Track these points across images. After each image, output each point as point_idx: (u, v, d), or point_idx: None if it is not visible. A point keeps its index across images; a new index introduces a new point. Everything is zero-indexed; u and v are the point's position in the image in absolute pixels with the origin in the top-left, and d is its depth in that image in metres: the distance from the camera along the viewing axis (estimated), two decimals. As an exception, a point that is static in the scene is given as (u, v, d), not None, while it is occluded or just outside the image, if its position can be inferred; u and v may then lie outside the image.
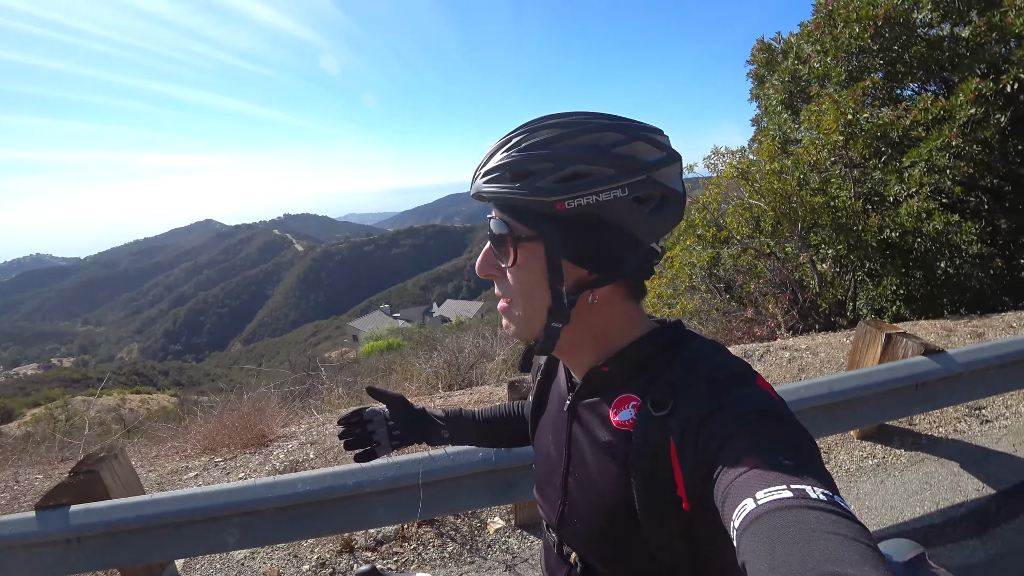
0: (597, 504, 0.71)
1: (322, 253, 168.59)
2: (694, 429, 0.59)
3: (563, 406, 0.80)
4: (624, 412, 0.69)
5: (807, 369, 4.07)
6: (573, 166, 0.62)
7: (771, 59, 8.33)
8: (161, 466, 3.50)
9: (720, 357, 0.67)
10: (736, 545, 0.48)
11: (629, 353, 0.71)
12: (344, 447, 1.04)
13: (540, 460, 0.86)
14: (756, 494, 0.48)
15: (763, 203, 6.18)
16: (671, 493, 0.61)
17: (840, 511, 0.45)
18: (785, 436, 0.54)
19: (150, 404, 13.54)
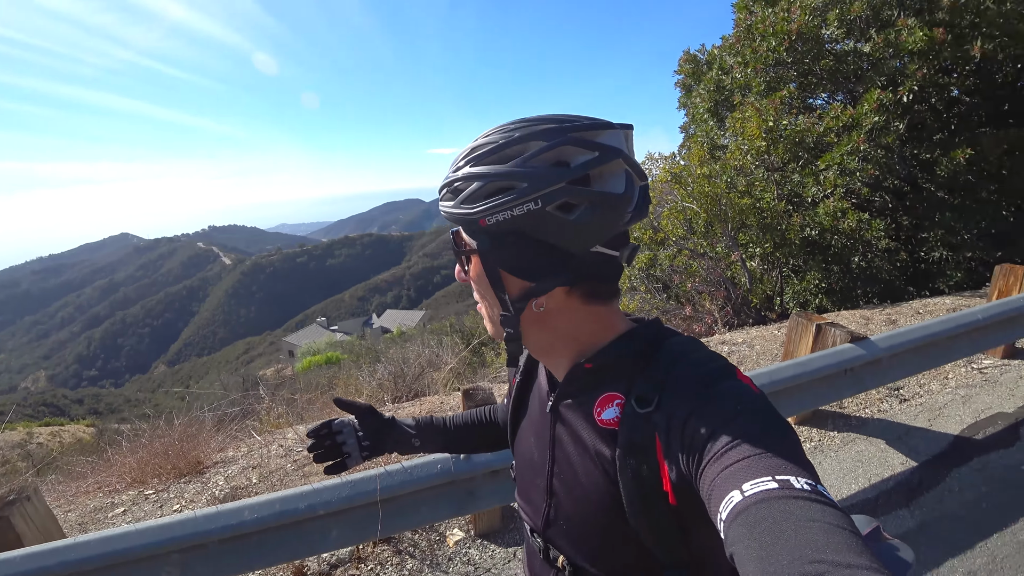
0: (584, 504, 0.71)
1: (252, 266, 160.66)
2: (679, 424, 0.59)
3: (545, 407, 0.79)
4: (609, 411, 0.68)
5: (745, 362, 4.29)
6: (495, 182, 0.63)
7: (697, 70, 8.80)
8: (82, 504, 3.18)
9: (701, 353, 0.68)
10: (724, 537, 0.48)
11: (611, 350, 0.71)
12: (314, 460, 1.02)
13: (522, 464, 0.85)
14: (743, 486, 0.49)
15: (695, 206, 6.48)
16: (658, 489, 0.61)
17: (823, 499, 0.46)
18: (768, 428, 0.55)
19: (63, 437, 12.35)
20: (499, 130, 0.66)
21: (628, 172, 0.64)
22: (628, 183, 0.64)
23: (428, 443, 1.07)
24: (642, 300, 7.88)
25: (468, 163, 0.66)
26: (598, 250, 0.66)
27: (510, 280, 0.68)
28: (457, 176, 0.67)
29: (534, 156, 0.62)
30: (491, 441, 1.10)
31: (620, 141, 0.65)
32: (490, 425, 1.10)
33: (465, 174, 0.66)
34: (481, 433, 1.10)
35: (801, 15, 6.50)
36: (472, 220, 0.65)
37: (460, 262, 0.74)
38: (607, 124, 0.64)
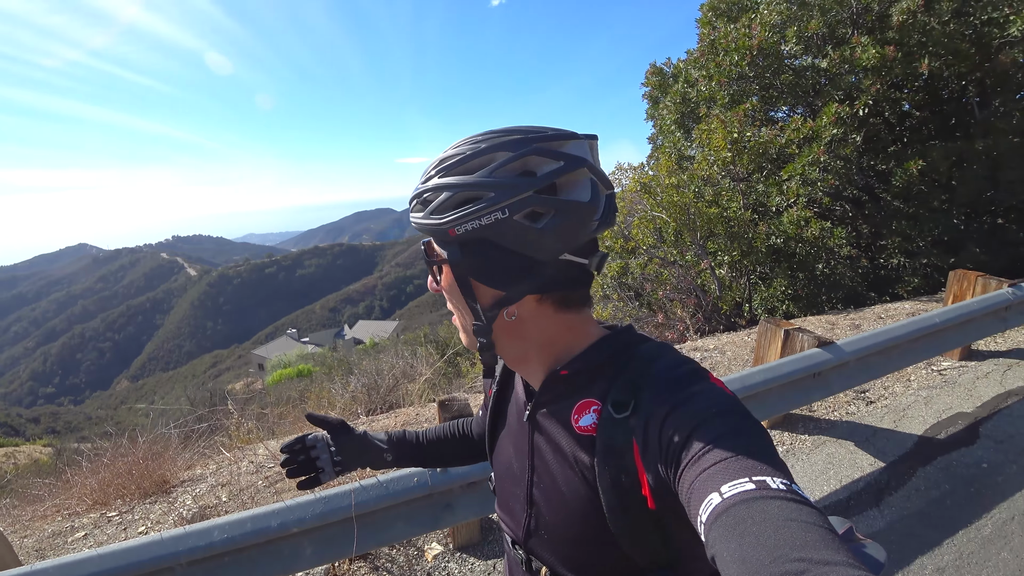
0: (565, 512, 0.71)
1: (218, 277, 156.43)
2: (656, 427, 0.60)
3: (523, 417, 0.79)
4: (586, 417, 0.69)
5: (717, 367, 4.38)
6: (462, 192, 0.65)
7: (663, 82, 9.05)
8: (39, 529, 3.03)
9: (673, 356, 0.69)
10: (705, 539, 0.49)
11: (586, 357, 0.71)
12: (287, 475, 1.01)
13: (501, 475, 0.85)
14: (721, 488, 0.50)
15: (664, 215, 6.62)
16: (637, 493, 0.62)
17: (799, 498, 0.48)
18: (743, 430, 0.56)
19: (17, 458, 11.74)
20: (467, 141, 0.67)
21: (593, 181, 0.66)
22: (594, 192, 0.65)
23: (401, 458, 1.07)
24: (615, 308, 7.99)
25: (437, 174, 0.68)
26: (567, 258, 0.67)
27: (481, 289, 0.69)
28: (426, 187, 0.68)
29: (500, 166, 0.64)
30: (466, 454, 1.10)
31: (585, 151, 0.66)
32: (464, 438, 1.10)
33: (434, 185, 0.67)
34: (455, 446, 1.10)
35: (761, 31, 6.76)
36: (442, 230, 0.66)
37: (432, 272, 0.75)
38: (572, 135, 0.66)
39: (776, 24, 6.85)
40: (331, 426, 1.04)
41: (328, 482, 1.02)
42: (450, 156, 0.67)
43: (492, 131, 0.67)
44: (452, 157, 0.67)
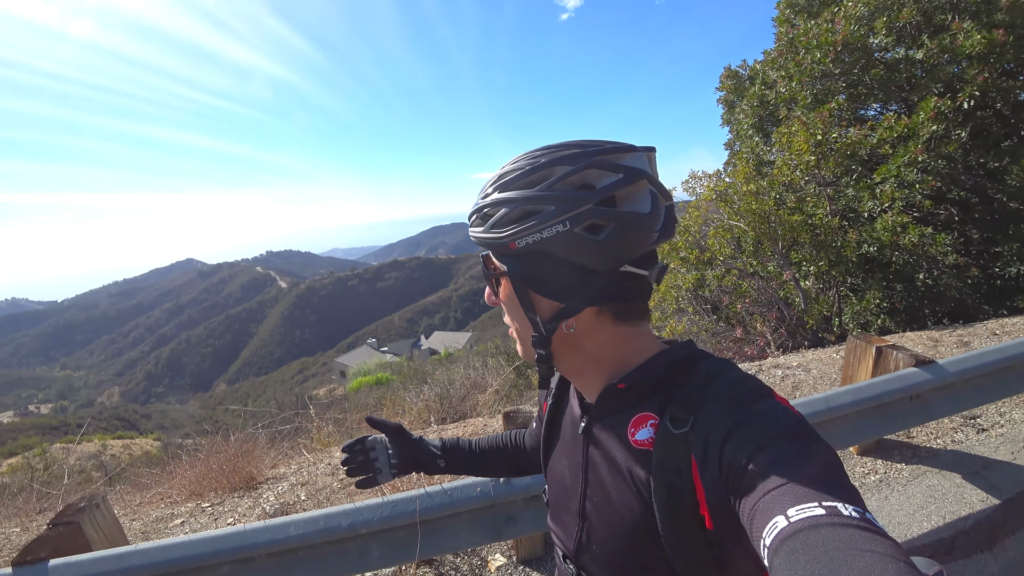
0: (617, 527, 0.69)
1: (306, 289, 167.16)
2: (717, 445, 0.58)
3: (578, 429, 0.79)
4: (643, 431, 0.68)
5: (801, 386, 4.09)
6: (522, 207, 0.65)
7: (739, 85, 8.66)
8: (145, 514, 3.36)
9: (736, 373, 0.67)
10: (768, 563, 0.47)
11: (644, 371, 0.70)
12: (346, 473, 1.07)
13: (554, 488, 0.85)
14: (788, 511, 0.47)
15: (743, 224, 6.31)
16: (694, 512, 0.60)
17: (873, 528, 0.45)
18: (811, 451, 0.53)
19: (133, 449, 13.10)
20: (525, 157, 0.68)
21: (653, 192, 0.66)
22: (653, 203, 0.65)
23: (453, 465, 1.09)
24: (690, 322, 7.68)
25: (496, 189, 0.69)
26: (627, 269, 0.67)
27: (540, 301, 0.70)
28: (486, 202, 0.69)
29: (559, 180, 0.64)
30: (517, 466, 1.11)
31: (644, 163, 0.66)
32: (516, 449, 1.11)
33: (493, 200, 0.68)
34: (507, 457, 1.11)
35: (846, 25, 6.30)
36: (502, 244, 0.67)
37: (491, 285, 0.76)
38: (630, 147, 0.66)
39: (862, 16, 6.36)
40: (389, 429, 1.09)
41: (385, 483, 1.06)
42: (509, 171, 0.68)
43: (550, 146, 0.68)
44: (511, 172, 0.68)
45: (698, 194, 6.95)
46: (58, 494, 4.19)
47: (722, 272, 7.18)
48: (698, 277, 7.58)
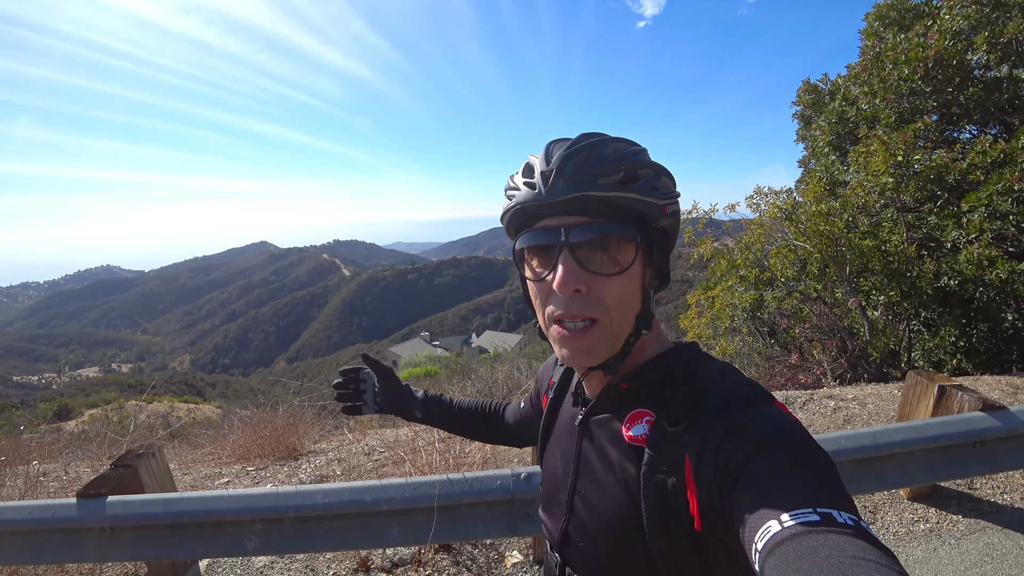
0: (603, 523, 0.69)
1: (367, 279, 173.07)
2: (713, 446, 0.57)
3: (574, 421, 0.79)
4: (637, 427, 0.68)
5: (853, 420, 3.85)
6: (661, 177, 0.67)
7: (817, 100, 8.22)
8: (197, 470, 3.63)
9: (737, 377, 0.66)
10: (759, 568, 0.46)
11: (647, 370, 0.71)
12: (337, 397, 1.15)
13: (547, 478, 0.86)
14: (781, 516, 0.47)
15: (809, 245, 6.00)
16: (683, 512, 0.59)
17: (867, 537, 0.44)
18: (809, 458, 0.53)
19: (196, 414, 14.08)
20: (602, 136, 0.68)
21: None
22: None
23: (431, 417, 1.15)
24: (743, 342, 7.38)
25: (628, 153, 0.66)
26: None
27: (649, 276, 0.69)
28: (639, 160, 0.65)
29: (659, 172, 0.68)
30: (492, 434, 1.16)
31: None
32: (494, 417, 1.15)
33: (645, 162, 0.66)
34: (483, 422, 1.15)
35: (940, 40, 5.85)
36: (655, 206, 0.65)
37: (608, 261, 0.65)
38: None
39: (960, 31, 5.89)
40: (381, 370, 1.16)
41: (367, 414, 1.15)
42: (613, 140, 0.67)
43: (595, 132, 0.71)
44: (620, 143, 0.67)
45: (762, 211, 6.66)
46: (125, 443, 4.59)
47: (783, 294, 6.85)
48: (756, 297, 7.27)
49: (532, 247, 0.68)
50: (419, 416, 1.14)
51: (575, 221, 0.65)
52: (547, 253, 0.67)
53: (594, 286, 0.65)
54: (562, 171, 0.64)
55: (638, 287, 0.67)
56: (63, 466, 3.84)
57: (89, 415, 12.91)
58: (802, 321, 6.53)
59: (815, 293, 6.43)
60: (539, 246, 0.67)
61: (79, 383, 47.26)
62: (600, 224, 0.64)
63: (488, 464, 3.34)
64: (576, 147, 0.65)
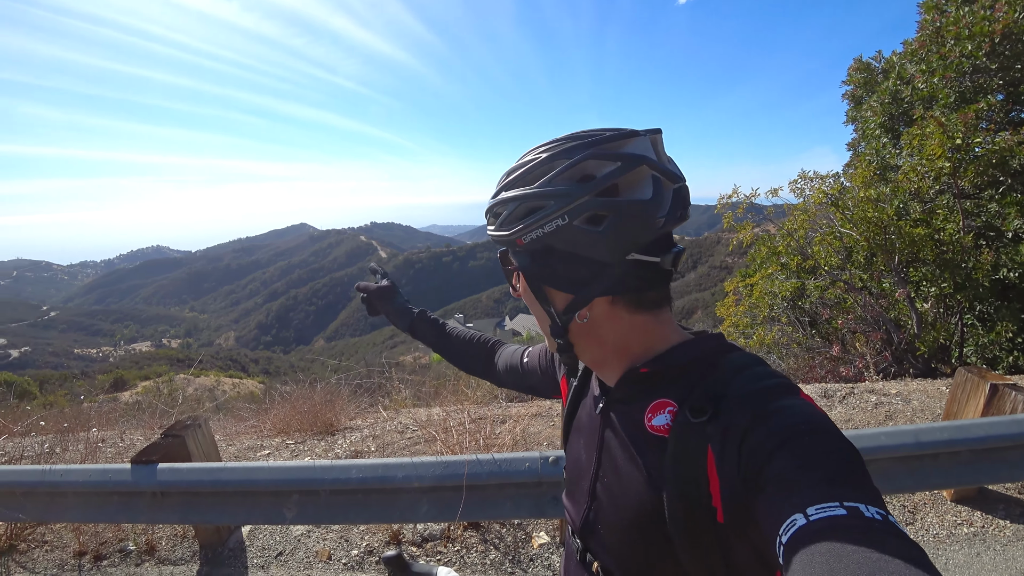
0: (624, 512, 0.69)
1: (403, 261, 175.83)
2: (736, 437, 0.57)
3: (595, 410, 0.79)
4: (659, 417, 0.67)
5: (895, 416, 3.72)
6: (525, 203, 0.67)
7: (870, 79, 7.77)
8: (240, 442, 3.81)
9: (763, 368, 0.65)
10: (783, 561, 0.46)
11: (668, 358, 0.70)
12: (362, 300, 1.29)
13: (570, 464, 0.87)
14: (807, 510, 0.46)
15: (855, 233, 5.75)
16: (706, 504, 0.59)
17: (896, 532, 0.43)
18: (835, 450, 0.51)
19: (240, 388, 14.73)
20: (532, 152, 0.70)
21: (655, 177, 0.64)
22: (656, 188, 0.64)
23: (419, 332, 1.23)
24: (781, 332, 7.17)
25: (503, 188, 0.71)
26: (635, 258, 0.66)
27: (554, 294, 0.72)
28: (495, 201, 0.72)
29: (559, 174, 0.65)
30: (472, 363, 1.20)
31: (647, 148, 0.65)
32: (480, 348, 1.20)
33: (501, 199, 0.71)
34: (467, 351, 1.20)
35: (1009, 12, 5.39)
36: (511, 240, 0.70)
37: (509, 280, 0.80)
38: (632, 133, 0.65)
39: (1034, 2, 5.45)
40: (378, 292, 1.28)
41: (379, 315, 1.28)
42: (515, 168, 0.71)
43: (555, 139, 0.69)
44: (517, 169, 0.70)
45: (806, 196, 6.40)
46: (174, 414, 4.86)
47: (826, 283, 6.61)
48: (798, 286, 7.04)
49: None
50: (404, 327, 1.24)
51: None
52: None
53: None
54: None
55: (536, 307, 0.75)
56: (119, 433, 4.10)
57: (142, 387, 13.72)
58: (845, 312, 6.29)
59: (860, 283, 6.18)
60: None
61: (133, 357, 50.10)
62: (501, 253, 0.78)
63: (518, 446, 3.39)
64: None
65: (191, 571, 2.62)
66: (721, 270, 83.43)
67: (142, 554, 2.76)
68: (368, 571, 2.54)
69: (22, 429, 4.37)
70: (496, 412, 4.29)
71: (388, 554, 0.90)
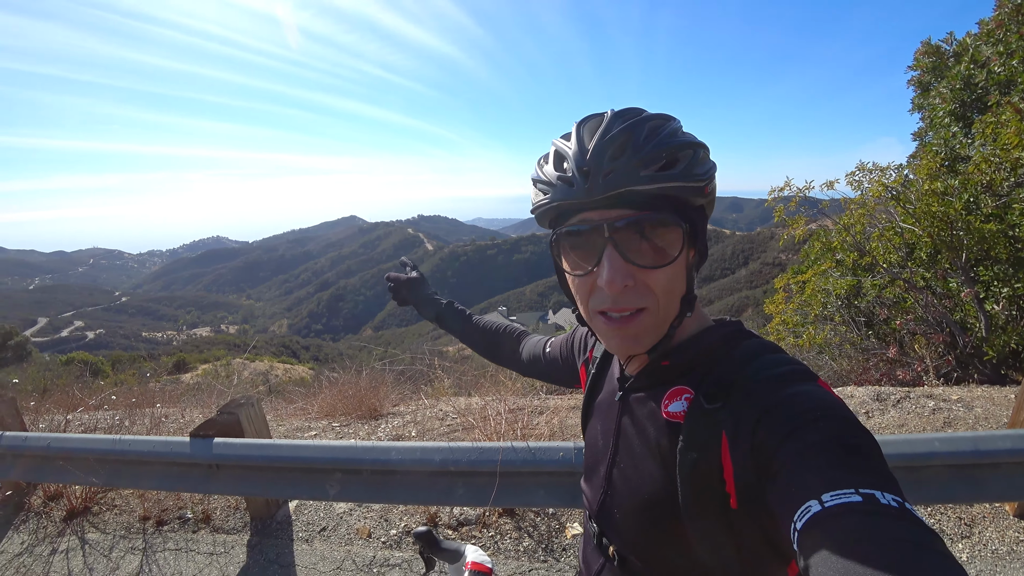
0: (639, 497, 0.70)
1: (449, 253, 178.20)
2: (750, 423, 0.56)
3: (614, 396, 0.80)
4: (675, 404, 0.68)
5: (954, 423, 3.51)
6: (699, 153, 0.65)
7: (939, 63, 7.24)
8: (289, 422, 4.01)
9: (780, 355, 0.65)
10: (797, 548, 0.45)
11: (689, 346, 0.70)
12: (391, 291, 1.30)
13: (588, 449, 0.87)
14: (822, 496, 0.45)
15: (918, 228, 5.42)
16: (719, 489, 0.59)
17: (913, 519, 0.43)
18: (850, 436, 0.51)
19: (291, 373, 15.40)
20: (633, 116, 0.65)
21: None
22: None
23: (446, 322, 1.24)
24: (833, 331, 6.85)
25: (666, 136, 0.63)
26: None
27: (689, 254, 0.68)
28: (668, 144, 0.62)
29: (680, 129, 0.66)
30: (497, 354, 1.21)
31: None
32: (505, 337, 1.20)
33: (681, 142, 0.63)
34: (492, 341, 1.21)
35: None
36: (699, 187, 0.64)
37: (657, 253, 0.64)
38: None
39: None
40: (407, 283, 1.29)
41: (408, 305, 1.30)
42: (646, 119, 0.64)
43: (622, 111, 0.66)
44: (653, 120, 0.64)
45: (864, 189, 6.08)
46: (230, 394, 5.15)
47: (884, 281, 6.27)
48: (854, 284, 6.71)
49: (572, 241, 0.67)
50: (430, 316, 1.26)
51: (618, 215, 0.63)
52: (589, 247, 0.65)
53: (640, 277, 0.63)
54: (599, 164, 0.61)
55: (683, 271, 0.66)
56: (180, 411, 4.40)
57: (202, 369, 14.58)
58: (905, 312, 5.95)
59: (922, 282, 5.82)
60: (580, 240, 0.66)
61: (194, 341, 53.14)
62: (645, 217, 0.62)
63: (555, 437, 3.41)
64: (611, 134, 0.62)
65: (242, 540, 2.80)
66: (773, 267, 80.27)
67: (199, 522, 2.97)
68: (405, 550, 2.64)
69: (96, 403, 4.76)
70: (534, 403, 4.33)
71: (419, 530, 0.94)
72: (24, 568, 2.77)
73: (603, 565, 0.79)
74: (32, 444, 2.77)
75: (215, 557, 2.68)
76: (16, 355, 27.33)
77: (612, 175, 0.61)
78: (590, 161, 0.62)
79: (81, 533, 3.01)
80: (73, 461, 2.65)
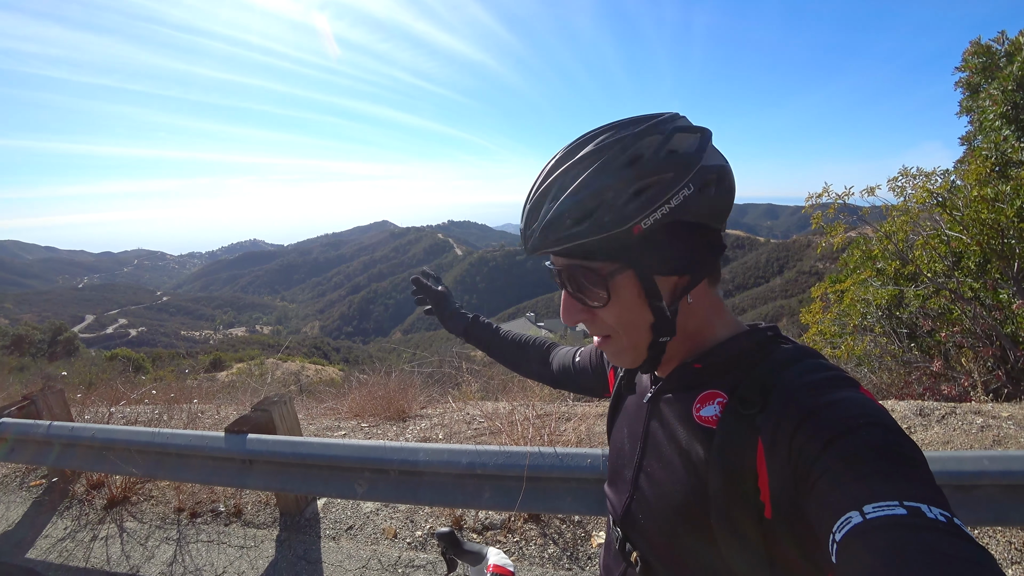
0: (667, 502, 0.68)
1: (478, 259, 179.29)
2: (788, 430, 0.54)
3: (643, 399, 0.78)
4: (708, 408, 0.66)
5: (1005, 441, 3.33)
6: (632, 186, 0.60)
7: (989, 64, 6.90)
8: (319, 421, 4.09)
9: (819, 360, 0.63)
10: (836, 560, 0.44)
11: (722, 349, 0.68)
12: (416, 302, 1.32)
13: (613, 453, 0.85)
14: (864, 507, 0.44)
15: (966, 236, 5.19)
16: (753, 498, 0.57)
17: (962, 534, 0.41)
18: (894, 446, 0.49)
19: (322, 374, 15.72)
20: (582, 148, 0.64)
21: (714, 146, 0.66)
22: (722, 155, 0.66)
23: (473, 337, 1.25)
24: (873, 342, 6.59)
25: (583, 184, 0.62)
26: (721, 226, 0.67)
27: (663, 282, 0.65)
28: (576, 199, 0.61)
29: (660, 148, 0.62)
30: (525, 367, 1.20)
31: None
32: (533, 350, 1.19)
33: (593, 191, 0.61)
34: (520, 354, 1.20)
35: None
36: (624, 232, 0.61)
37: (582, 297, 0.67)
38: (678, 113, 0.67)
39: None
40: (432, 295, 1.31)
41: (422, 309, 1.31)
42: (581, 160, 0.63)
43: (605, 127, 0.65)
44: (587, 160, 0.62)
45: (907, 195, 5.85)
46: (263, 392, 5.29)
47: (928, 291, 6.01)
48: (895, 293, 6.46)
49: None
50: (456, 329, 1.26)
51: (558, 264, 0.68)
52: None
53: (593, 314, 0.68)
54: (528, 227, 0.66)
55: (637, 305, 0.65)
56: (216, 407, 4.54)
57: (237, 368, 15.03)
58: (951, 324, 5.69)
59: (970, 292, 5.56)
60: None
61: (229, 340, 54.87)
62: (574, 267, 0.65)
63: (582, 443, 3.38)
64: (536, 194, 0.66)
65: (271, 535, 2.86)
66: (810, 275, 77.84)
67: (230, 515, 3.06)
68: (430, 552, 2.65)
69: (137, 397, 4.95)
70: (562, 409, 4.30)
71: (442, 530, 0.93)
72: (67, 552, 2.89)
73: (624, 571, 0.77)
74: (78, 434, 2.91)
75: (245, 551, 2.75)
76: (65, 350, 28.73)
77: (533, 240, 0.66)
78: (523, 222, 0.67)
79: (120, 521, 3.14)
80: (115, 452, 2.77)
